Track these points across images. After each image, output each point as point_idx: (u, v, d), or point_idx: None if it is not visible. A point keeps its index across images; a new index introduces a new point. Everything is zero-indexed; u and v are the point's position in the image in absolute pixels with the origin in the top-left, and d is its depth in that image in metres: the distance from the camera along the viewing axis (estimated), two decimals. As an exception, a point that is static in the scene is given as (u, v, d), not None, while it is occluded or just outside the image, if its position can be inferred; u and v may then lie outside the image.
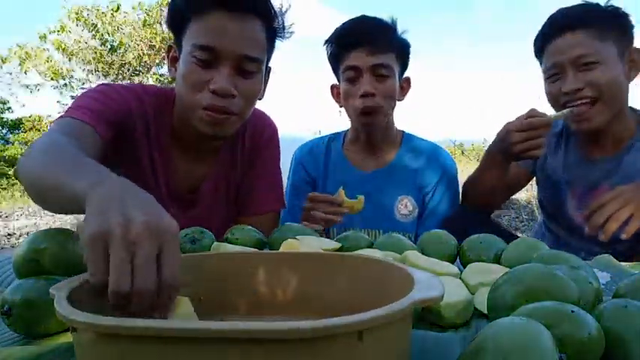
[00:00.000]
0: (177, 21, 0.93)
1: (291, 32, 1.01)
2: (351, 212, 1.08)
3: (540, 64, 1.21)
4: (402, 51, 1.25)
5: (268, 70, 1.05)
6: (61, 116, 0.88)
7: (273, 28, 0.97)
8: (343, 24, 1.26)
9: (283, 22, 0.99)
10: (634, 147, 1.13)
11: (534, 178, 1.36)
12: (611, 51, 1.09)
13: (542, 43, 1.16)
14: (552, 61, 1.12)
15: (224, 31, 0.89)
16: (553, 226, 1.32)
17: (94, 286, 0.41)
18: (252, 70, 0.93)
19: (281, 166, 1.21)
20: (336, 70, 1.30)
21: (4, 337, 0.55)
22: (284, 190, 1.25)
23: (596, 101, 1.08)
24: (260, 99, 1.03)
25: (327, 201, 1.07)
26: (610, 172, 1.15)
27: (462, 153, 8.29)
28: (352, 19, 1.26)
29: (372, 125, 1.26)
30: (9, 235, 4.67)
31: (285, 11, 0.98)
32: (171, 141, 1.04)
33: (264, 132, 1.13)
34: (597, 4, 1.12)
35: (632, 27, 1.12)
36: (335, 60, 1.28)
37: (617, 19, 1.11)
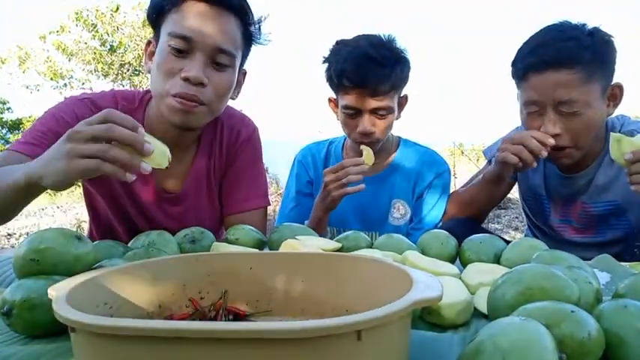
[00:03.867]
0: (157, 14, 0.96)
1: (269, 40, 1.04)
2: (368, 164, 1.15)
3: (517, 86, 1.15)
4: (401, 78, 1.22)
5: (244, 72, 1.08)
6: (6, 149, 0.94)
7: (249, 30, 1.00)
8: (345, 53, 1.19)
9: (260, 28, 1.01)
10: (604, 160, 1.14)
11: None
12: (595, 92, 1.03)
13: (524, 73, 1.07)
14: (533, 97, 1.06)
15: (201, 22, 0.91)
16: (539, 235, 1.35)
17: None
18: (225, 63, 0.95)
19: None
20: (332, 88, 1.28)
21: (4, 337, 0.55)
22: (269, 187, 1.26)
23: (571, 148, 1.07)
24: (233, 99, 1.05)
25: (354, 164, 1.12)
26: (585, 186, 1.17)
27: (462, 153, 8.29)
28: (353, 54, 1.18)
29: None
30: (9, 235, 4.67)
31: (264, 19, 1.01)
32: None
33: (242, 132, 1.15)
34: (584, 35, 1.03)
35: (615, 57, 1.06)
36: (334, 87, 1.26)
37: (603, 55, 1.04)
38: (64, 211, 5.57)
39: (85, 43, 8.21)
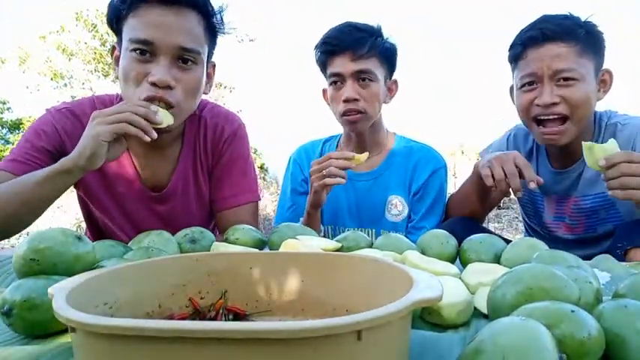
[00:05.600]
0: (116, 19, 0.96)
1: (233, 28, 1.05)
2: (357, 163, 1.14)
3: (513, 70, 1.20)
4: (386, 54, 1.27)
5: (213, 64, 1.09)
6: None
7: (211, 23, 1.00)
8: (329, 30, 1.27)
9: (222, 18, 1.02)
10: None
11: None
12: (589, 68, 1.08)
13: (522, 50, 1.13)
14: (530, 69, 1.10)
15: (160, 24, 0.92)
16: (534, 236, 1.36)
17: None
18: (190, 61, 0.96)
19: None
20: (321, 69, 1.32)
21: (4, 337, 0.55)
22: (257, 182, 1.27)
23: (566, 119, 1.09)
24: (206, 93, 1.07)
25: (340, 156, 1.12)
26: (576, 181, 1.19)
27: (462, 153, 8.29)
28: (337, 26, 1.27)
29: (355, 126, 1.28)
30: (9, 235, 4.65)
31: (225, 8, 1.02)
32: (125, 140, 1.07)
33: (226, 128, 1.16)
34: (579, 18, 1.11)
35: (604, 47, 1.13)
36: (322, 65, 1.30)
37: (596, 38, 1.11)
38: (64, 211, 5.57)
39: (85, 43, 8.21)
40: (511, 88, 1.25)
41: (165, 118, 0.90)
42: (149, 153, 1.09)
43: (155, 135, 0.86)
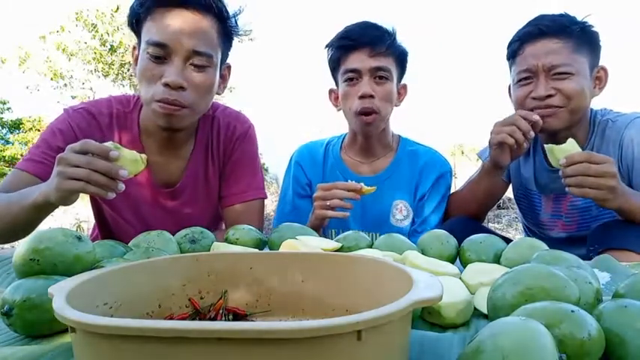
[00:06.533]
0: (135, 21, 1.00)
1: (249, 31, 1.08)
2: (364, 193, 1.10)
3: (510, 67, 1.23)
4: (400, 57, 1.27)
5: (228, 66, 1.12)
6: (15, 166, 1.03)
7: (226, 26, 1.03)
8: (345, 28, 1.27)
9: (236, 22, 1.05)
10: (586, 150, 1.16)
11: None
12: (583, 64, 1.12)
13: (519, 46, 1.17)
14: (526, 65, 1.14)
15: (174, 28, 0.95)
16: (531, 235, 1.37)
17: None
18: (202, 64, 0.99)
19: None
20: (334, 74, 1.31)
21: (4, 337, 0.55)
22: (264, 181, 1.28)
23: (561, 108, 1.11)
24: (219, 94, 1.10)
25: (347, 188, 1.09)
26: None
27: (462, 153, 8.30)
28: (354, 24, 1.27)
29: (369, 127, 1.26)
30: (9, 235, 4.65)
31: (240, 12, 1.05)
32: (139, 137, 1.11)
33: (237, 128, 1.20)
34: (574, 17, 1.14)
35: (600, 46, 1.16)
36: (335, 63, 1.29)
37: (591, 36, 1.14)
38: (64, 211, 5.57)
39: (85, 43, 8.22)
40: (509, 87, 1.26)
41: (133, 165, 0.83)
42: (162, 150, 1.12)
43: (113, 196, 0.81)
